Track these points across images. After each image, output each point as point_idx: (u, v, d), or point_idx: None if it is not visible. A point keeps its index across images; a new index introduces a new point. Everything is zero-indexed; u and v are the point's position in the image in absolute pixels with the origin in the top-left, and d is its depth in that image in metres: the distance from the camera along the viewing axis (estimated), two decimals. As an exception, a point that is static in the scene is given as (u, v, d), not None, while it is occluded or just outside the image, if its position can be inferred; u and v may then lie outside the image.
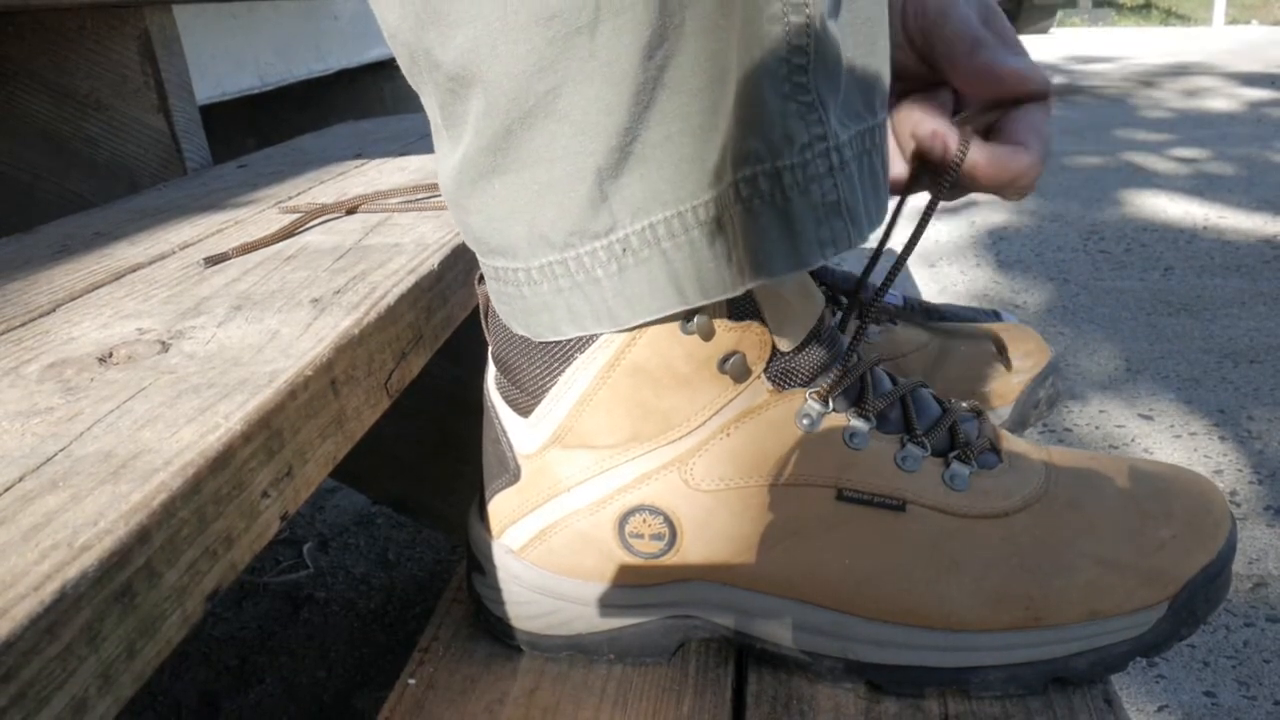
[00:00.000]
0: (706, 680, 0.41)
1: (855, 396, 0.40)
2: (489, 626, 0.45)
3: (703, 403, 0.38)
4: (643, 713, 0.39)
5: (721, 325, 0.37)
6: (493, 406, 0.43)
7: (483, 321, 0.42)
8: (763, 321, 0.38)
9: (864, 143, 0.36)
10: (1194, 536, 0.40)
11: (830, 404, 0.39)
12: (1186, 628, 0.40)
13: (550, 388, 0.39)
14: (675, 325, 0.37)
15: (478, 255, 0.39)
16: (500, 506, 0.43)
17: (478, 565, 0.44)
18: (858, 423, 0.39)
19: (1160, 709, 0.90)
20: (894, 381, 0.42)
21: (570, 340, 0.38)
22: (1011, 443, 0.43)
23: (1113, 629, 0.39)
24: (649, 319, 0.36)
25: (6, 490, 0.26)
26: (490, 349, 0.42)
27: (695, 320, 0.37)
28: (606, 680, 0.41)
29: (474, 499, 0.46)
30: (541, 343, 0.39)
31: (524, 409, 0.41)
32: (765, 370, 0.38)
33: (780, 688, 0.41)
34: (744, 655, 0.43)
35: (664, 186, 0.34)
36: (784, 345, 0.39)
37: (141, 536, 0.24)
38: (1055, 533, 0.40)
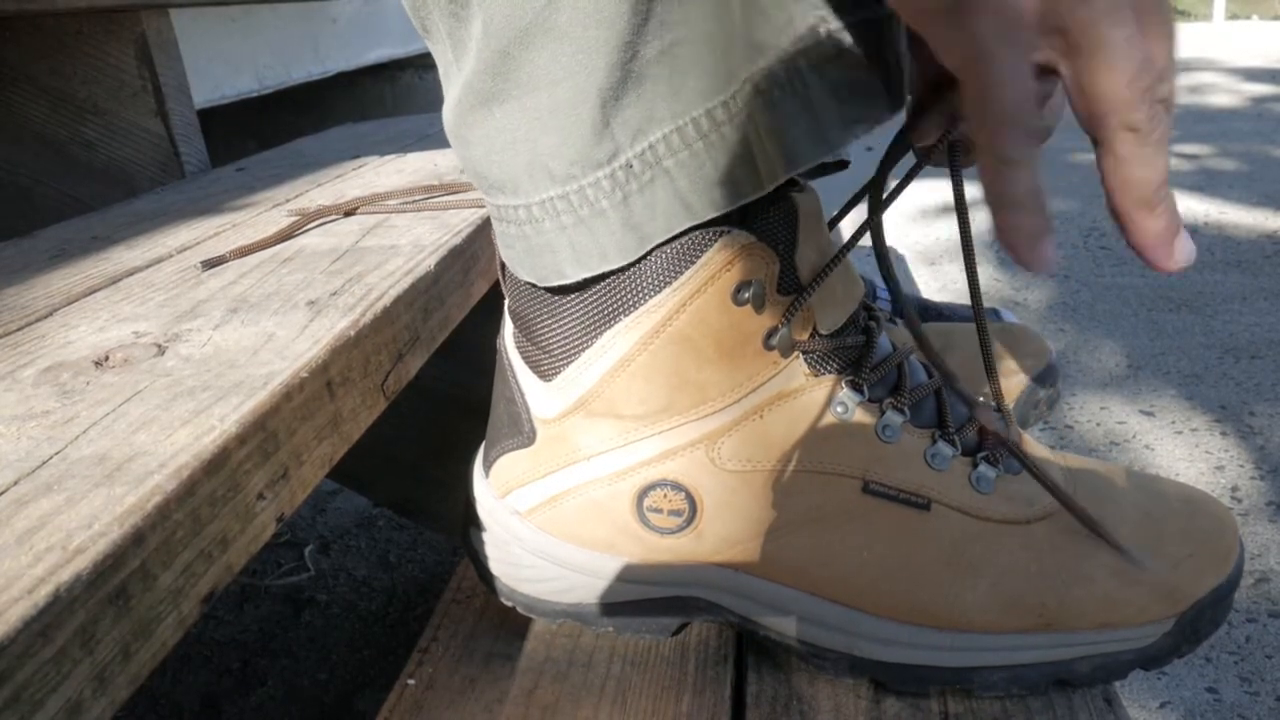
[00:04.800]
0: (706, 680, 0.41)
1: (891, 386, 0.40)
2: (485, 582, 0.44)
3: (740, 379, 0.38)
4: (642, 712, 0.39)
5: (771, 299, 0.37)
6: (510, 366, 0.41)
7: (500, 277, 0.41)
8: (807, 297, 0.37)
9: (870, 30, 0.35)
10: (1208, 557, 0.40)
11: (866, 392, 0.39)
12: (1187, 645, 0.40)
13: (583, 351, 0.38)
14: (727, 295, 0.36)
15: (482, 194, 0.39)
16: (509, 467, 0.42)
17: (476, 520, 0.44)
18: (892, 414, 0.39)
19: (1162, 705, 0.90)
20: (929, 374, 0.42)
21: (613, 302, 0.37)
22: (1033, 447, 0.43)
23: (1119, 639, 0.39)
24: (657, 242, 0.35)
25: (1, 494, 0.26)
26: (508, 304, 0.41)
27: (750, 290, 0.36)
28: (605, 679, 0.41)
29: (474, 453, 0.46)
30: (578, 303, 0.38)
31: (547, 372, 0.40)
32: (804, 352, 0.38)
33: (780, 687, 0.41)
34: (744, 654, 0.43)
35: (660, 104, 0.33)
36: (824, 327, 0.38)
37: (136, 539, 0.24)
38: (1076, 543, 0.40)
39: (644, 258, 0.36)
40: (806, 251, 0.38)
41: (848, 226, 2.45)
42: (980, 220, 2.48)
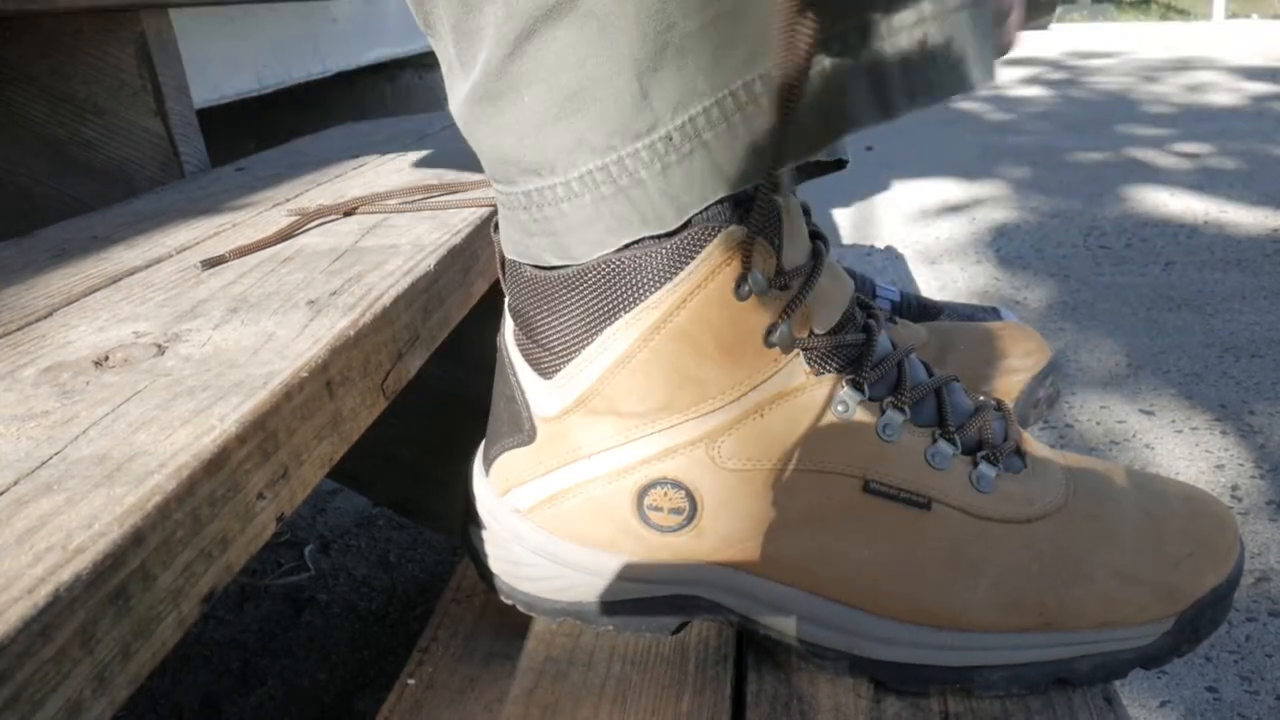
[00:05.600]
0: (706, 679, 0.41)
1: (892, 385, 0.40)
2: (485, 580, 0.44)
3: (741, 377, 0.38)
4: (642, 711, 0.39)
5: (771, 294, 0.37)
6: (510, 364, 0.41)
7: (500, 275, 0.41)
8: (807, 291, 0.38)
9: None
10: (1208, 557, 0.40)
11: (866, 391, 0.39)
12: (1187, 644, 0.40)
13: (584, 348, 0.38)
14: (728, 290, 0.36)
15: (501, 187, 0.38)
16: (509, 465, 0.42)
17: (476, 519, 0.44)
18: (893, 413, 0.39)
19: (1162, 704, 0.90)
20: (930, 372, 0.42)
21: (614, 299, 0.37)
22: (1033, 446, 0.43)
23: (1119, 638, 0.39)
24: (695, 211, 0.35)
25: (1, 494, 0.26)
26: (508, 303, 0.41)
27: (752, 284, 0.36)
28: (605, 679, 0.41)
29: (474, 452, 0.46)
30: (578, 300, 0.38)
31: (547, 370, 0.40)
32: (804, 350, 0.38)
33: (780, 687, 0.41)
34: (744, 653, 0.43)
35: (700, 77, 0.33)
36: (819, 326, 0.38)
37: (136, 539, 0.24)
38: (1076, 542, 0.40)
39: (677, 230, 0.36)
40: (792, 250, 0.38)
41: (845, 228, 2.44)
42: (978, 219, 2.49)
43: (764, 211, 0.37)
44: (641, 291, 0.37)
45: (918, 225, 2.47)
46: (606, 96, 0.34)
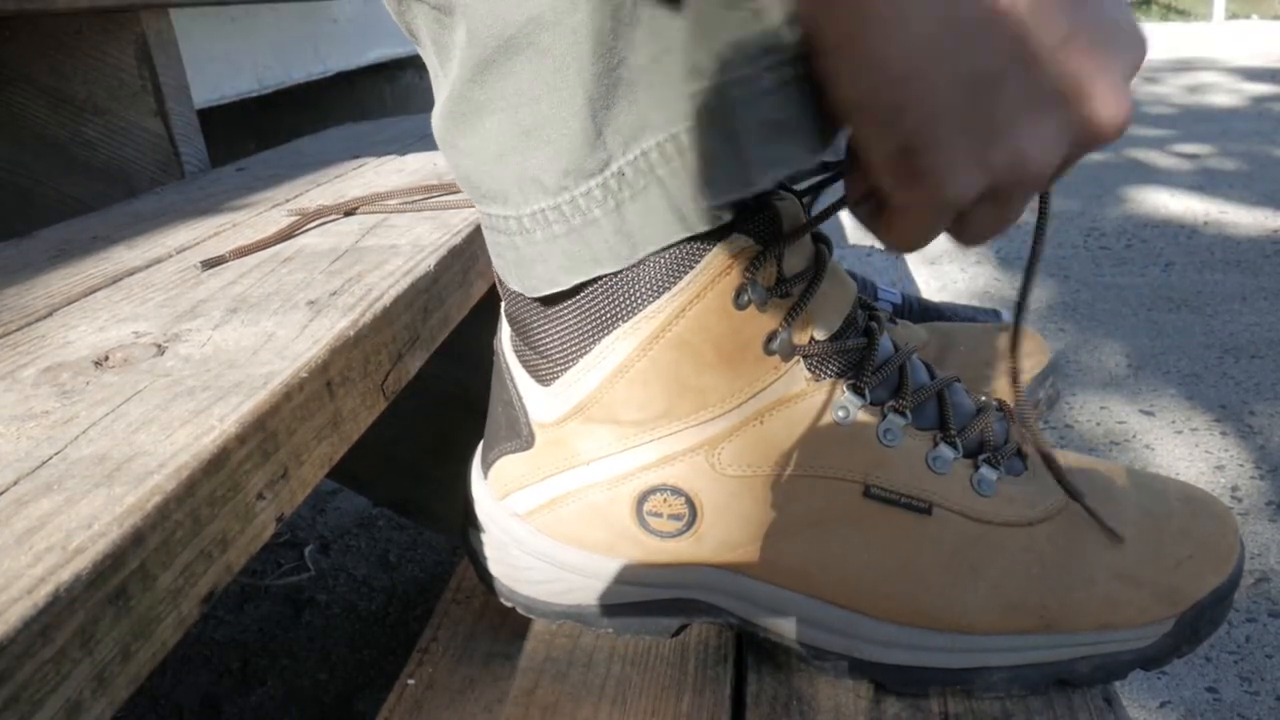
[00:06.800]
0: (706, 679, 0.41)
1: (893, 388, 0.40)
2: (484, 582, 0.44)
3: (740, 384, 0.37)
4: (642, 712, 0.39)
5: (771, 302, 0.37)
6: (507, 369, 0.41)
7: (496, 278, 0.41)
8: (808, 299, 0.37)
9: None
10: (1208, 558, 0.40)
11: (868, 395, 0.39)
12: (1187, 645, 0.40)
13: (582, 357, 0.38)
14: (727, 299, 0.36)
15: (474, 201, 0.38)
16: (508, 470, 0.42)
17: (475, 521, 0.44)
18: (894, 418, 0.39)
19: (1162, 705, 0.90)
20: (931, 375, 0.42)
21: (611, 308, 0.37)
22: (1042, 445, 0.42)
23: (1119, 639, 0.39)
24: (652, 250, 0.35)
25: (1, 494, 0.26)
26: (504, 308, 0.41)
27: (751, 293, 0.36)
28: (605, 679, 0.41)
29: (474, 453, 0.45)
30: (575, 309, 0.38)
31: (545, 377, 0.39)
32: (805, 356, 0.38)
33: (780, 687, 0.41)
34: (743, 654, 0.43)
35: (652, 111, 0.32)
36: (820, 333, 0.38)
37: (136, 539, 0.24)
38: (1077, 545, 0.39)
39: (638, 264, 0.36)
40: (794, 256, 0.38)
41: (845, 228, 2.44)
42: (980, 220, 2.48)
43: (765, 218, 0.37)
44: (639, 301, 0.36)
45: (918, 226, 2.46)
46: (560, 137, 0.33)
